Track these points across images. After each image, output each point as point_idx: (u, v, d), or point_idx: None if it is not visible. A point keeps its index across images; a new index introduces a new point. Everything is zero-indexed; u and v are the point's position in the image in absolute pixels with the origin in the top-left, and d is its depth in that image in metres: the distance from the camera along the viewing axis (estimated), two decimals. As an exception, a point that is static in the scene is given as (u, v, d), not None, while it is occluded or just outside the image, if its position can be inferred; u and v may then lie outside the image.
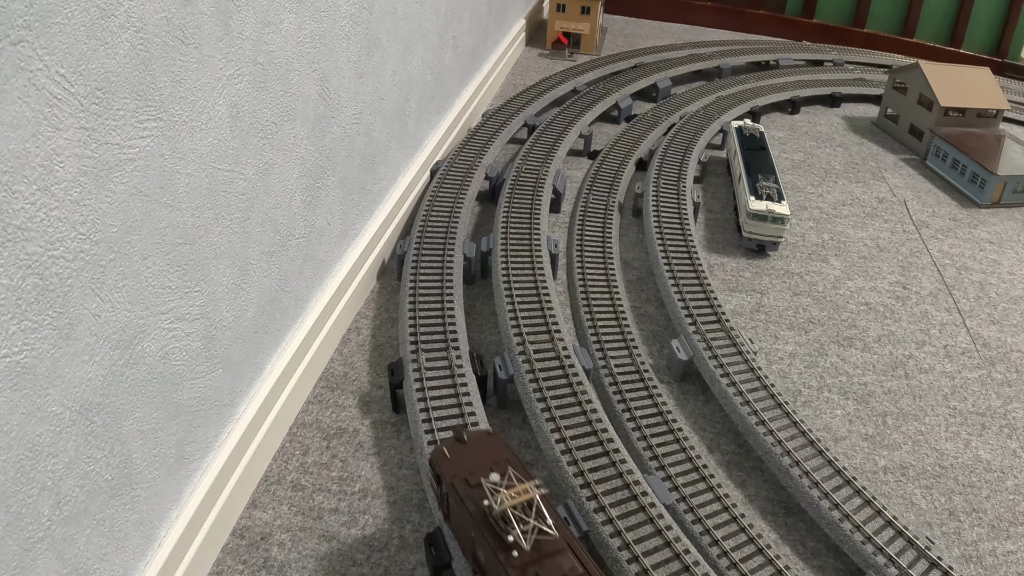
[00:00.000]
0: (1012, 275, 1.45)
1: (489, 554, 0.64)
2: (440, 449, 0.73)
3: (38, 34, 0.51)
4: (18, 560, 0.56)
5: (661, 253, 1.31)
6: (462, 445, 0.74)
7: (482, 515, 0.66)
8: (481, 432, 0.76)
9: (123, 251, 0.64)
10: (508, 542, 0.63)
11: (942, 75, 1.91)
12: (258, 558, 0.83)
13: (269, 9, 0.82)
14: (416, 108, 1.41)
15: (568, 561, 0.62)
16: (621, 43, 2.59)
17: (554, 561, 0.62)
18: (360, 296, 1.21)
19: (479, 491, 0.67)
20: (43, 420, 0.57)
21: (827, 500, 0.89)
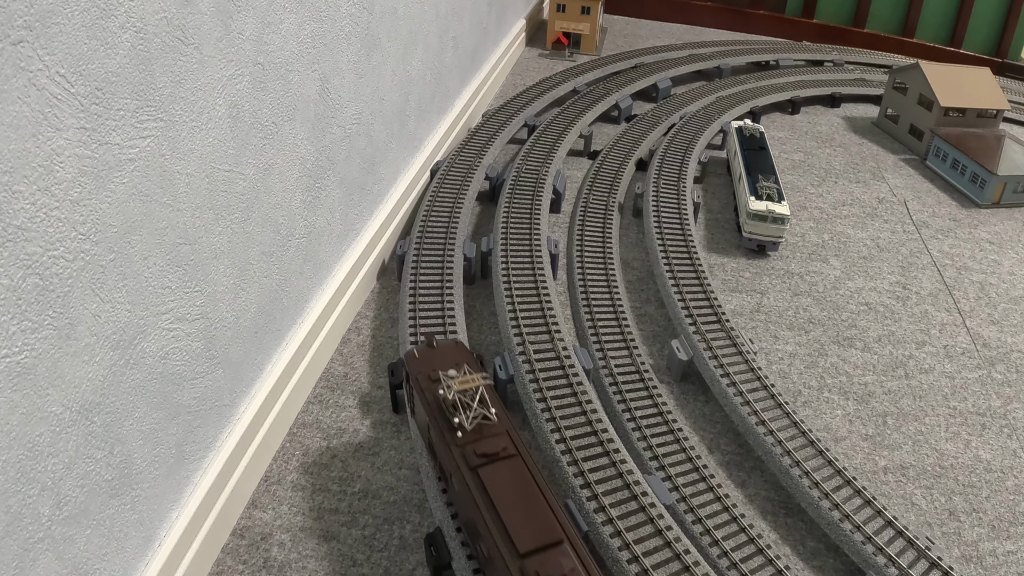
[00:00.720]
0: (1012, 275, 1.45)
1: (438, 435, 0.74)
2: (411, 351, 0.82)
3: (38, 34, 0.51)
4: (18, 560, 0.56)
5: (661, 253, 1.31)
6: (432, 350, 0.83)
7: (436, 403, 0.76)
8: (450, 341, 0.86)
9: (123, 251, 0.64)
10: (454, 424, 0.73)
11: (942, 75, 1.91)
12: (258, 558, 0.83)
13: (269, 9, 0.82)
14: (416, 108, 1.41)
15: (503, 441, 0.72)
16: (621, 43, 2.59)
17: (491, 441, 0.72)
18: (360, 296, 1.21)
19: (437, 384, 0.77)
20: (43, 420, 0.57)
21: (827, 500, 0.89)
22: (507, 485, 0.69)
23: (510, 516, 0.66)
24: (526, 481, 0.70)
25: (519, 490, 0.69)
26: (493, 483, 0.69)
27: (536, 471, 0.71)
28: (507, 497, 0.68)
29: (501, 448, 0.72)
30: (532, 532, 0.65)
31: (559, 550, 0.64)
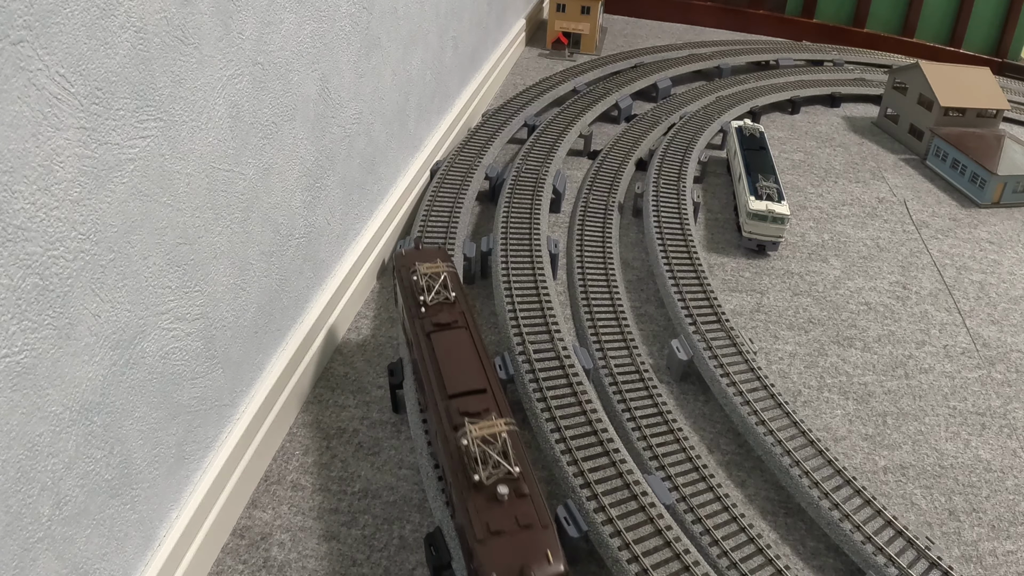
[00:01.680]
0: (1012, 275, 1.46)
1: (407, 311, 0.91)
2: (399, 251, 1.00)
3: (38, 34, 0.51)
4: (18, 560, 0.56)
5: (661, 253, 1.31)
6: (417, 251, 1.00)
7: (410, 286, 0.93)
8: (433, 246, 1.03)
9: (123, 251, 0.64)
10: (419, 300, 0.90)
11: (942, 75, 1.91)
12: (258, 558, 0.83)
13: (269, 9, 0.82)
14: (416, 108, 1.41)
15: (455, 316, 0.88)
16: (621, 43, 2.59)
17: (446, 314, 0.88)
18: (360, 296, 1.21)
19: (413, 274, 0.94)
20: (43, 420, 0.57)
21: (827, 500, 0.89)
22: (451, 347, 0.84)
23: (447, 368, 0.81)
24: (467, 345, 0.84)
25: (459, 351, 0.83)
26: (440, 345, 0.84)
27: (478, 340, 0.86)
28: (448, 355, 0.83)
29: (452, 320, 0.87)
30: (461, 380, 0.79)
31: (481, 396, 0.78)
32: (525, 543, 0.64)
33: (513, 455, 0.70)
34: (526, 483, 0.68)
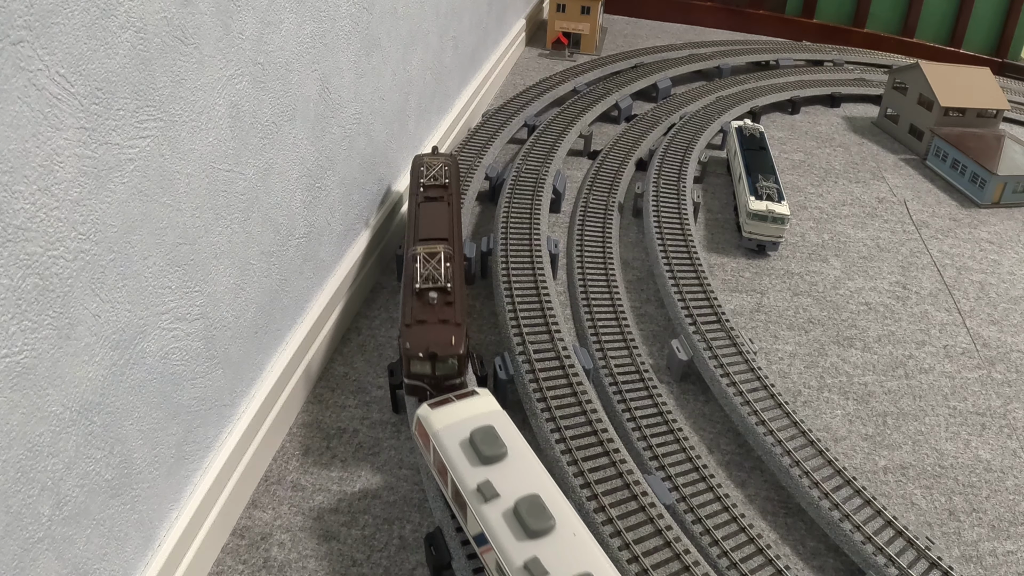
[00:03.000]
0: (1012, 275, 1.46)
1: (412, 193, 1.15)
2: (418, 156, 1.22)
3: (38, 34, 0.51)
4: (18, 560, 0.56)
5: (661, 253, 1.31)
6: (432, 154, 1.23)
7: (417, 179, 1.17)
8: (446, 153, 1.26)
9: (123, 251, 0.64)
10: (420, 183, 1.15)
11: (942, 75, 1.91)
12: (258, 558, 0.83)
13: (269, 9, 0.82)
14: (416, 108, 1.41)
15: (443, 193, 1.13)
16: (621, 43, 2.59)
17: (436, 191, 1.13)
18: (360, 296, 1.21)
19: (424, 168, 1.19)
20: (43, 420, 0.57)
21: (827, 500, 0.89)
22: (432, 212, 1.09)
23: (423, 224, 1.07)
24: (444, 213, 1.09)
25: (437, 215, 1.08)
26: (424, 210, 1.10)
27: (455, 211, 1.11)
28: (428, 217, 1.08)
29: (439, 196, 1.13)
30: (430, 231, 1.05)
31: (442, 242, 1.02)
32: (438, 331, 0.87)
33: (446, 274, 0.94)
34: (452, 294, 0.92)
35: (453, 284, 0.92)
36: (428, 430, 0.75)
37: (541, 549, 0.62)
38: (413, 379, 0.87)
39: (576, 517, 0.67)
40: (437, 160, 1.19)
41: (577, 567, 0.61)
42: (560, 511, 0.66)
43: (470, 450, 0.71)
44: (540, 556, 0.62)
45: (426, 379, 0.87)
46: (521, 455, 0.72)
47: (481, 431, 0.72)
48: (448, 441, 0.72)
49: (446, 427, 0.74)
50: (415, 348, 0.85)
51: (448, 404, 0.77)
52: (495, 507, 0.66)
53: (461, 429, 0.73)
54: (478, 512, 0.66)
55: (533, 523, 0.64)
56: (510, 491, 0.67)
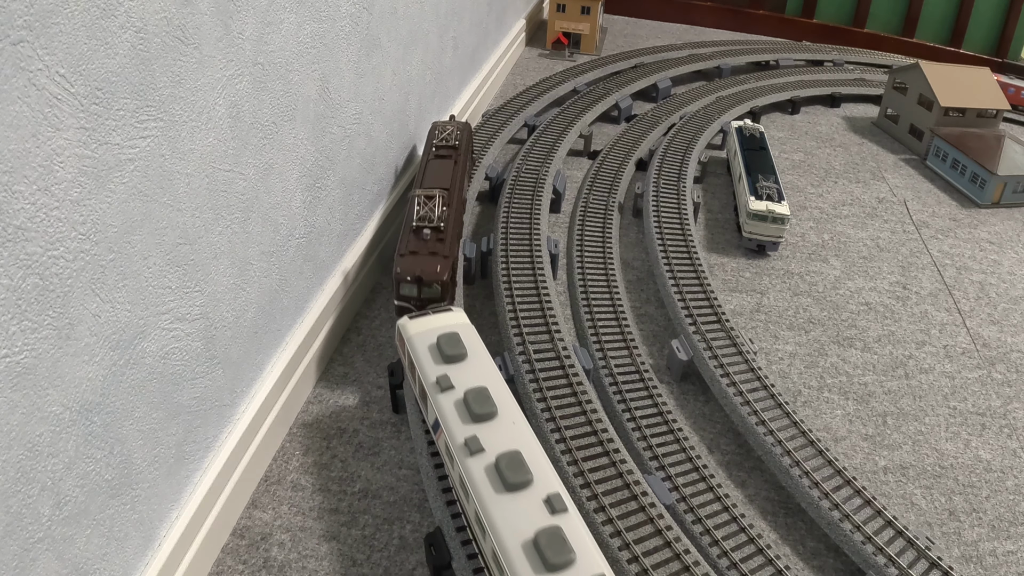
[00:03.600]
0: (1012, 275, 1.46)
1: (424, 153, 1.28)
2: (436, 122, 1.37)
3: (38, 34, 0.51)
4: (18, 560, 0.56)
5: (661, 253, 1.31)
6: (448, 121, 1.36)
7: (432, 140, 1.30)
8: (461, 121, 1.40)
9: (123, 251, 0.64)
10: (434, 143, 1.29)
11: (942, 75, 1.91)
12: (258, 558, 0.83)
13: (269, 9, 0.82)
14: (416, 108, 1.41)
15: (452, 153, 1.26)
16: (621, 43, 2.59)
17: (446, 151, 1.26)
18: (360, 296, 1.21)
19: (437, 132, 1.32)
20: (43, 420, 0.57)
21: (827, 500, 0.89)
22: (438, 168, 1.21)
23: (428, 176, 1.19)
24: (448, 168, 1.21)
25: (442, 170, 1.20)
26: (432, 165, 1.22)
27: (460, 168, 1.22)
28: (434, 171, 1.20)
29: (447, 155, 1.25)
30: (432, 181, 1.18)
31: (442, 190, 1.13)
32: (427, 261, 0.99)
33: (440, 215, 1.06)
34: (444, 233, 1.04)
35: (446, 224, 1.06)
36: (404, 335, 0.86)
37: (482, 431, 0.73)
38: (401, 300, 1.01)
39: (518, 411, 0.76)
40: (451, 126, 1.34)
41: (509, 446, 0.71)
42: (504, 403, 0.76)
43: (435, 351, 0.82)
44: (479, 436, 0.72)
45: (412, 301, 1.00)
46: (478, 357, 0.82)
47: (446, 336, 0.83)
48: (418, 344, 0.83)
49: (418, 333, 0.85)
50: (404, 273, 0.98)
51: (424, 316, 0.88)
52: (449, 397, 0.76)
53: (430, 335, 0.84)
54: (434, 400, 0.77)
55: (478, 409, 0.74)
56: (462, 384, 0.78)
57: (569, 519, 0.65)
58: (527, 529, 0.64)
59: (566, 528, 0.64)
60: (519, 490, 0.67)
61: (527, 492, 0.67)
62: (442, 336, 0.83)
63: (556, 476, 0.69)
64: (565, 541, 0.62)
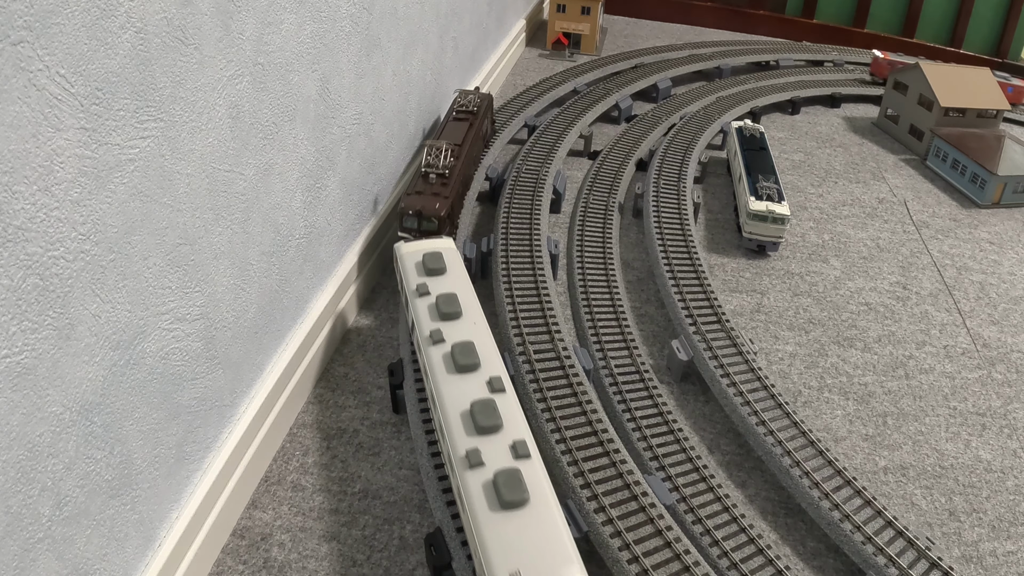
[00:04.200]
0: (1012, 275, 1.46)
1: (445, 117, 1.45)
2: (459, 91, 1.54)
3: (38, 34, 0.51)
4: (18, 560, 0.56)
5: (661, 253, 1.31)
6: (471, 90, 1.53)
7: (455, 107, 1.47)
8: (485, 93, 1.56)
9: (123, 251, 0.64)
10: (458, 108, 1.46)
11: (942, 75, 1.91)
12: (258, 558, 0.83)
13: (269, 9, 0.82)
14: (416, 108, 1.41)
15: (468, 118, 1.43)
16: (621, 43, 2.59)
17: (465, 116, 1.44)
18: (360, 297, 1.21)
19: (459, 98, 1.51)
20: (43, 420, 0.57)
21: (827, 500, 0.89)
22: (456, 127, 1.39)
23: (444, 132, 1.37)
24: (464, 128, 1.38)
25: (457, 128, 1.38)
26: (451, 125, 1.39)
27: (475, 129, 1.40)
28: (451, 129, 1.38)
29: (465, 118, 1.42)
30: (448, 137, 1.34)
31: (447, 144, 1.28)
32: (429, 199, 1.17)
33: (446, 163, 1.24)
34: (448, 178, 1.22)
35: (451, 172, 1.23)
36: (397, 255, 1.01)
37: (446, 327, 0.87)
38: (404, 231, 1.17)
39: (480, 314, 0.91)
40: (473, 94, 1.50)
41: (467, 338, 0.85)
42: (468, 307, 0.91)
43: (420, 266, 0.97)
44: (443, 330, 0.86)
45: (413, 232, 1.16)
46: (455, 272, 0.97)
47: (431, 254, 0.98)
48: (407, 261, 0.98)
49: (408, 253, 1.00)
50: (407, 207, 1.16)
51: (417, 242, 1.02)
52: (425, 301, 0.92)
53: (418, 255, 0.99)
54: (412, 305, 0.92)
55: (445, 310, 0.88)
56: (437, 291, 0.93)
57: (505, 397, 0.79)
58: (466, 402, 0.77)
59: (499, 402, 0.77)
60: (468, 372, 0.81)
61: (474, 374, 0.81)
62: (427, 254, 0.98)
63: (502, 364, 0.84)
64: (495, 410, 0.76)
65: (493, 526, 0.66)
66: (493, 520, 0.67)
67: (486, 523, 0.66)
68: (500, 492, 0.67)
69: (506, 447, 0.73)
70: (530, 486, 0.69)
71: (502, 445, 0.73)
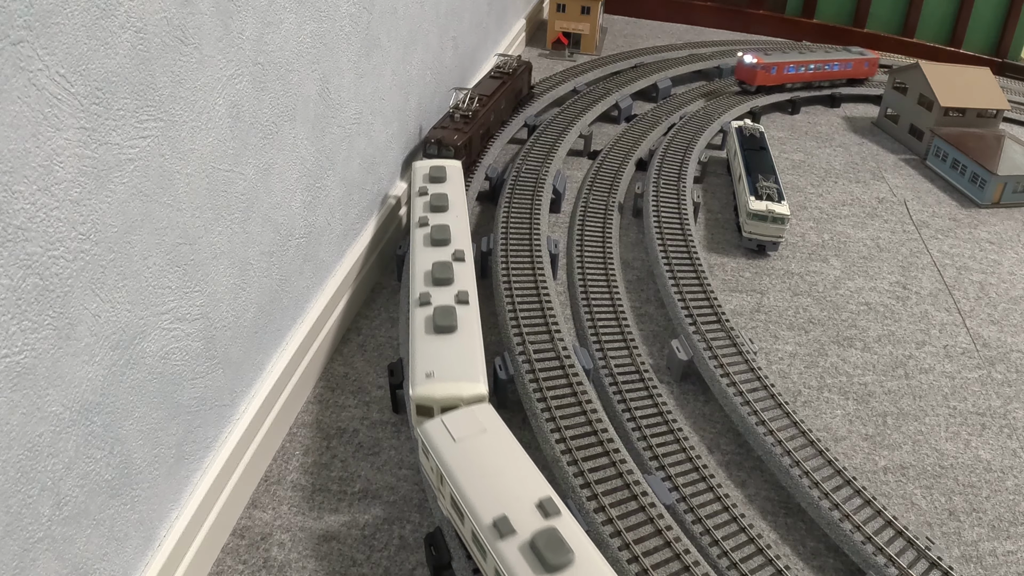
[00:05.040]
0: (1012, 275, 1.46)
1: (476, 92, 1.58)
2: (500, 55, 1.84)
3: (38, 34, 0.51)
4: (18, 560, 0.56)
5: (661, 253, 1.31)
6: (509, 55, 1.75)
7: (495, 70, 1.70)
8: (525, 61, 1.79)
9: (123, 251, 0.64)
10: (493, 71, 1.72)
11: (942, 75, 1.91)
12: (258, 558, 0.83)
13: (269, 9, 0.82)
14: (416, 108, 1.41)
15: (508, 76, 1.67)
16: (621, 43, 2.59)
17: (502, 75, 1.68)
18: (360, 296, 1.21)
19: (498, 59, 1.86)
20: (43, 420, 0.57)
21: (827, 500, 0.89)
22: (488, 82, 1.62)
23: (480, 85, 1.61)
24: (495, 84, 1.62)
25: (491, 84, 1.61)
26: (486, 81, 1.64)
27: (508, 88, 1.63)
28: (484, 84, 1.62)
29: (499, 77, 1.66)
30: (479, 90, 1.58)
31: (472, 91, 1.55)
32: (450, 132, 1.38)
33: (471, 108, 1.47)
34: (470, 120, 1.43)
35: (474, 115, 1.45)
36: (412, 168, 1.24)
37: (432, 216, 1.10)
38: (426, 158, 1.36)
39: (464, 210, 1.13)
40: (512, 60, 1.74)
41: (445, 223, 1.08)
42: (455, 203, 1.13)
43: (426, 176, 1.20)
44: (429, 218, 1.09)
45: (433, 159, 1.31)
46: (453, 182, 1.19)
47: (437, 167, 1.21)
48: (418, 172, 1.22)
49: (419, 166, 1.23)
50: (431, 137, 1.37)
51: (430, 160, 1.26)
52: (422, 199, 1.14)
53: (426, 168, 1.22)
54: (412, 202, 1.15)
55: (435, 204, 1.11)
56: (432, 191, 1.16)
57: (464, 266, 1.00)
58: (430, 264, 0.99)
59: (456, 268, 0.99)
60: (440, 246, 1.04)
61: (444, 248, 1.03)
62: (434, 167, 1.21)
63: (468, 242, 1.05)
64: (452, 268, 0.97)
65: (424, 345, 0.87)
66: (426, 341, 0.88)
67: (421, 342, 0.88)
68: (436, 321, 0.89)
69: (452, 295, 0.94)
70: (460, 320, 0.90)
71: (449, 294, 0.94)
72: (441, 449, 0.73)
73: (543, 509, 0.67)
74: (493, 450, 0.73)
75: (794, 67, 2.09)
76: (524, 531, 0.65)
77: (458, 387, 0.82)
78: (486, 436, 0.74)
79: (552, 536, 0.63)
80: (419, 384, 0.82)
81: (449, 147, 1.34)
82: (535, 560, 0.62)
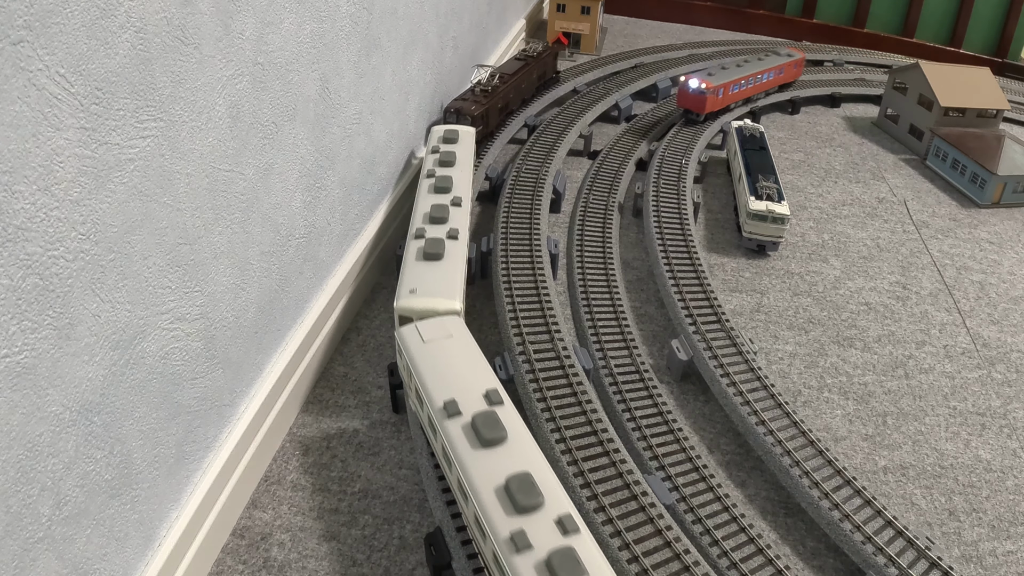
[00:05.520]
0: (1012, 275, 1.46)
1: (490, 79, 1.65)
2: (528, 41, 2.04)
3: (38, 34, 0.51)
4: (18, 560, 0.56)
5: (661, 253, 1.31)
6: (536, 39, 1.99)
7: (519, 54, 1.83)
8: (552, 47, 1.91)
9: (123, 251, 0.64)
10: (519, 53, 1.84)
11: (942, 75, 1.91)
12: (258, 558, 0.83)
13: (269, 9, 0.82)
14: (416, 108, 1.41)
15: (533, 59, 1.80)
16: (621, 43, 2.59)
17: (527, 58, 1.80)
18: (360, 296, 1.21)
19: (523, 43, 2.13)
20: (43, 420, 0.57)
21: (827, 500, 0.89)
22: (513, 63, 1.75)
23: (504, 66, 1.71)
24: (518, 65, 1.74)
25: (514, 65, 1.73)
26: (511, 62, 1.75)
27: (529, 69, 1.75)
28: (509, 64, 1.74)
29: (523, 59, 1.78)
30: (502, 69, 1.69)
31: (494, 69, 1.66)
32: (469, 103, 1.50)
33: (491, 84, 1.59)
34: (490, 94, 1.55)
35: (494, 90, 1.57)
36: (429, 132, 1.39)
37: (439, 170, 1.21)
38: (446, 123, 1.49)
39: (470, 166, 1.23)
40: (537, 44, 1.85)
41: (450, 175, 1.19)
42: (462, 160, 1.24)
43: (441, 138, 1.30)
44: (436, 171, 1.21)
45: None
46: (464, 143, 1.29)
47: (451, 131, 1.31)
48: (434, 135, 1.32)
49: (436, 129, 1.33)
50: (450, 107, 1.48)
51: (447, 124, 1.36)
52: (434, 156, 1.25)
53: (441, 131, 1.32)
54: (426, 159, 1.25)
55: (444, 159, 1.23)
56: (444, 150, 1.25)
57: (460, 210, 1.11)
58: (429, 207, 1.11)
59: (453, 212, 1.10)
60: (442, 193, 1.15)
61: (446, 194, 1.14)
62: (448, 130, 1.32)
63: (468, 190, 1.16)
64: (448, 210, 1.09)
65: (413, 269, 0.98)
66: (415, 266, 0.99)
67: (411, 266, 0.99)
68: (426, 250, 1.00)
69: (444, 232, 1.05)
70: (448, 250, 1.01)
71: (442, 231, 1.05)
72: (411, 348, 0.83)
73: (488, 398, 0.76)
74: (455, 352, 0.83)
75: (737, 85, 1.86)
76: (467, 413, 0.74)
77: (435, 302, 0.93)
78: (451, 340, 0.84)
79: (490, 417, 0.73)
80: (403, 298, 0.94)
81: (467, 116, 1.46)
82: (473, 436, 0.72)
